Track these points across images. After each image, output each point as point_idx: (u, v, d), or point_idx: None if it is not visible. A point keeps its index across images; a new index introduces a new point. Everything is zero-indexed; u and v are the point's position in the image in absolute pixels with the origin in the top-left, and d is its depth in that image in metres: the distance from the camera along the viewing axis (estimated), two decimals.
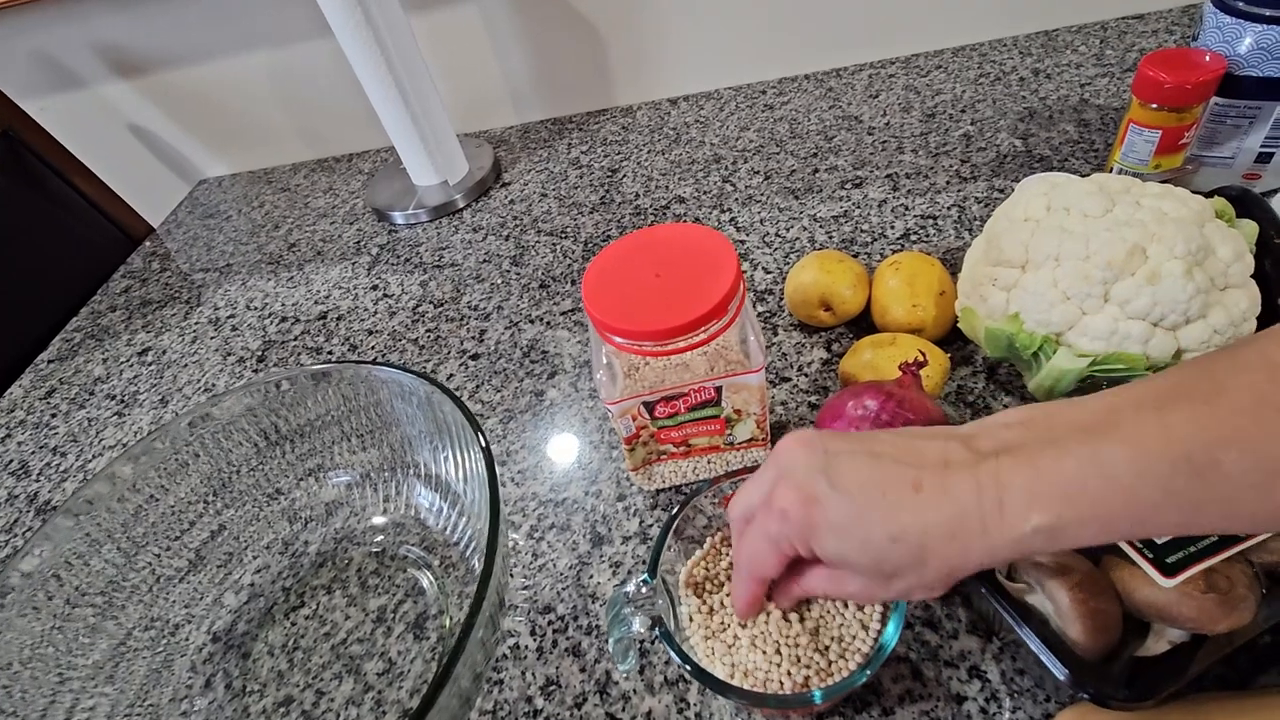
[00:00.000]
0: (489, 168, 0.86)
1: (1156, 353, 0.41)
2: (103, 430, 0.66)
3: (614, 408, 0.41)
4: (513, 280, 0.70)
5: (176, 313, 0.80)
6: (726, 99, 0.89)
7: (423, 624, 0.45)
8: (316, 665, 0.44)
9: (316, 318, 0.73)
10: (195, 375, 0.70)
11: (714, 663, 0.33)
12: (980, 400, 0.48)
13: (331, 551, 0.50)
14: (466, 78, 0.92)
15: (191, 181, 1.07)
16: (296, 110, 0.98)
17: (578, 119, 0.94)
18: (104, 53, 0.92)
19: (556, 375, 0.59)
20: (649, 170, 0.80)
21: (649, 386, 0.40)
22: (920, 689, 0.36)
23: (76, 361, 0.76)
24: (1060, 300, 0.42)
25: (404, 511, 0.51)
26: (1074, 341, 0.43)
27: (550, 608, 0.44)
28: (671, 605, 0.36)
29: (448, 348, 0.65)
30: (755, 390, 0.41)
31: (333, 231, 0.86)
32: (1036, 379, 0.44)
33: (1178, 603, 0.29)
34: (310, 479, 0.52)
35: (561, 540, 0.47)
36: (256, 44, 0.90)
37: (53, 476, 0.63)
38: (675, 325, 0.36)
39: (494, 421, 0.56)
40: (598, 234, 0.73)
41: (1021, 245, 0.45)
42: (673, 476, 0.48)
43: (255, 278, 0.82)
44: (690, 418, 0.43)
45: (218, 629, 0.47)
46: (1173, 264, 0.40)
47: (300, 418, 0.51)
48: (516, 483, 0.52)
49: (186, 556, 0.49)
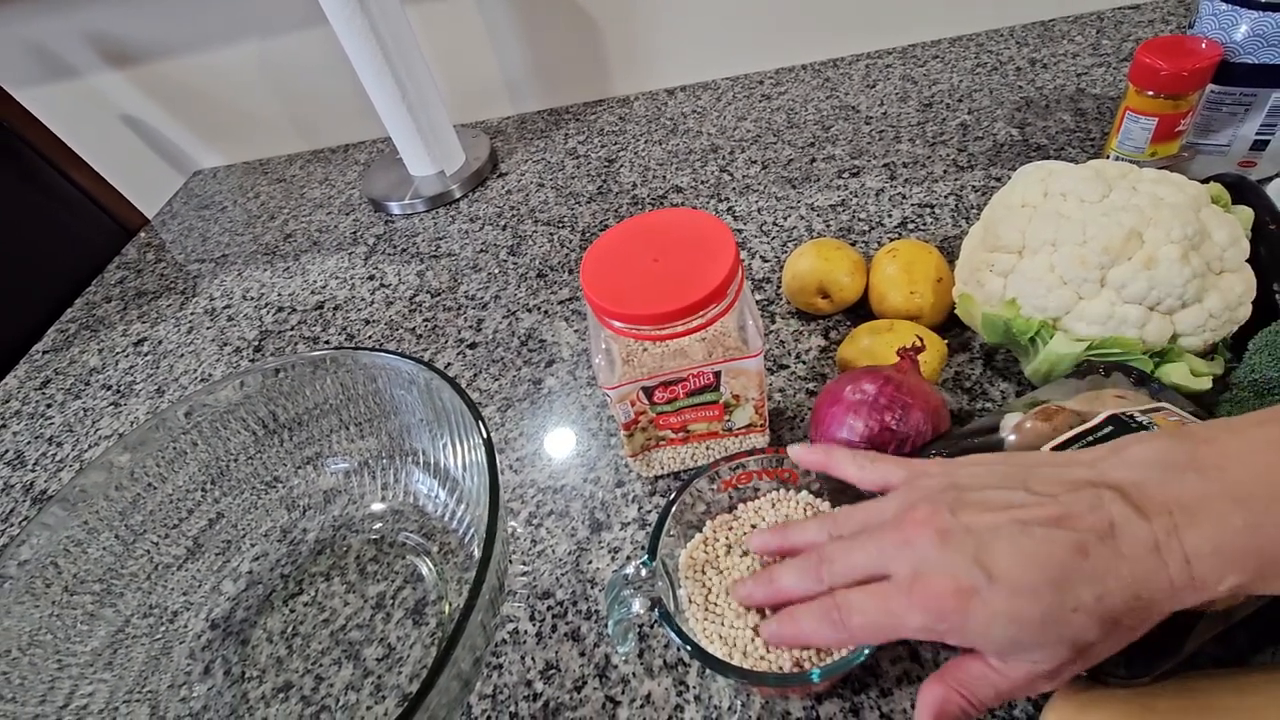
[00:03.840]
0: (485, 158, 0.86)
1: (1152, 337, 0.41)
2: (99, 420, 0.66)
3: (612, 393, 0.41)
4: (510, 270, 0.70)
5: (172, 303, 0.79)
6: (724, 89, 0.89)
7: (422, 610, 0.45)
8: (315, 651, 0.44)
9: (313, 308, 0.72)
10: (191, 365, 0.69)
11: (713, 643, 0.34)
12: (977, 386, 0.48)
13: (330, 539, 0.50)
14: (463, 68, 0.92)
15: (186, 172, 1.07)
16: (292, 100, 0.97)
17: (575, 109, 0.93)
18: (97, 42, 0.91)
19: (554, 364, 0.59)
20: (646, 160, 0.80)
21: (647, 372, 0.40)
22: (918, 670, 0.36)
23: (72, 352, 0.76)
24: (1057, 285, 0.42)
25: (403, 499, 0.51)
26: (1070, 326, 0.43)
27: (549, 593, 0.44)
28: (671, 588, 0.36)
29: (445, 337, 0.64)
30: (754, 375, 0.41)
31: (329, 222, 0.86)
32: (1033, 364, 0.44)
33: None
34: (308, 467, 0.52)
35: (560, 526, 0.47)
36: (251, 33, 0.90)
37: (49, 466, 0.63)
38: (673, 310, 0.36)
39: (492, 409, 0.56)
40: (595, 223, 0.73)
41: (1018, 231, 0.45)
42: (671, 462, 0.48)
43: (251, 268, 0.81)
44: (689, 403, 0.43)
45: (216, 616, 0.47)
46: (1169, 249, 0.40)
47: (298, 406, 0.51)
48: (515, 470, 0.52)
49: (184, 544, 0.49)
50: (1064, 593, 0.23)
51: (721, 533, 0.38)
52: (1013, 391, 0.48)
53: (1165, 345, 0.41)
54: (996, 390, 0.48)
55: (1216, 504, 0.22)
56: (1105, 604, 0.23)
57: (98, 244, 0.92)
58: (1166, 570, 0.22)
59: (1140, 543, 0.23)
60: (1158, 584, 0.22)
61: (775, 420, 0.50)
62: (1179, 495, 0.23)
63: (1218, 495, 0.22)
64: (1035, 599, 0.23)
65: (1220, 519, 0.22)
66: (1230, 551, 0.22)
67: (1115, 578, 0.23)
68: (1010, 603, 0.23)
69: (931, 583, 0.25)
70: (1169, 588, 0.22)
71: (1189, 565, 0.22)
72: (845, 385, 0.42)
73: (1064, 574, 0.23)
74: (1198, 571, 0.22)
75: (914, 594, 0.25)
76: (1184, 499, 0.23)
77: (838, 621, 0.27)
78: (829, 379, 0.52)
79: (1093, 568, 0.23)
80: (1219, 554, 0.22)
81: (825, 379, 0.52)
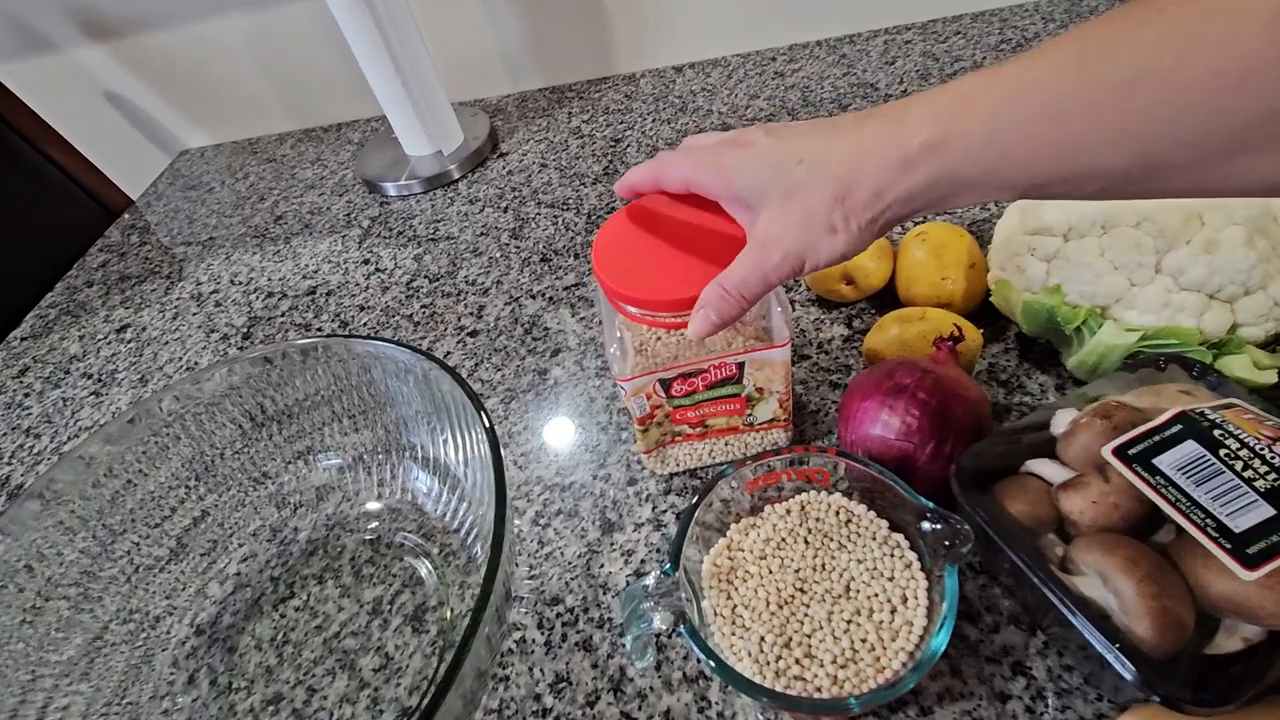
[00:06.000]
0: (485, 137, 0.82)
1: (1211, 326, 0.38)
2: (79, 411, 0.63)
3: (627, 385, 0.38)
4: (512, 254, 0.67)
5: (157, 288, 0.76)
6: (734, 66, 0.85)
7: (421, 616, 0.42)
8: (308, 660, 0.41)
9: (305, 293, 0.69)
10: (177, 353, 0.66)
11: (741, 660, 0.31)
12: (1014, 379, 0.45)
13: (323, 539, 0.47)
14: (460, 43, 0.87)
15: (172, 152, 1.02)
16: (282, 76, 0.93)
17: (578, 87, 0.90)
18: (77, 14, 0.87)
19: (560, 353, 0.56)
20: (654, 140, 0.76)
21: (664, 362, 0.37)
22: (960, 687, 0.34)
23: (51, 339, 0.72)
24: (1107, 271, 0.39)
25: (400, 496, 0.48)
26: (1121, 315, 0.40)
27: (559, 599, 0.41)
28: (695, 599, 0.33)
29: (444, 324, 0.61)
30: (779, 367, 0.38)
31: (321, 203, 0.82)
32: (1079, 355, 0.41)
33: (1260, 596, 0.26)
34: (299, 462, 0.49)
35: (569, 527, 0.44)
36: (240, 5, 0.85)
37: (25, 460, 0.59)
38: (693, 295, 0.32)
39: (495, 402, 0.53)
40: (601, 205, 0.70)
41: (1064, 212, 0.42)
42: (687, 459, 0.45)
43: (240, 252, 0.78)
44: (709, 396, 0.40)
45: (201, 621, 0.44)
46: (1233, 231, 0.37)
47: (288, 397, 0.48)
48: (520, 466, 0.49)
49: (167, 545, 0.46)
50: (797, 149, 0.29)
51: (746, 538, 0.35)
52: (1052, 385, 0.45)
53: (1224, 336, 0.38)
54: (1035, 383, 0.45)
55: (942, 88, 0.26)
56: (826, 155, 0.28)
57: (79, 226, 0.88)
58: (883, 129, 0.27)
59: (876, 121, 0.27)
60: (872, 144, 0.27)
61: (798, 414, 0.47)
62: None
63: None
64: (776, 149, 0.29)
65: (938, 93, 0.26)
66: (932, 110, 0.26)
67: (846, 141, 0.28)
68: (752, 150, 0.30)
69: (701, 141, 0.35)
70: (879, 144, 0.27)
71: (901, 124, 0.26)
72: (878, 377, 0.39)
73: (808, 138, 0.29)
74: (905, 126, 0.26)
75: (687, 152, 0.34)
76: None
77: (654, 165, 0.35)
78: (854, 370, 0.49)
79: (834, 136, 0.28)
80: (923, 112, 0.26)
81: (849, 370, 0.49)
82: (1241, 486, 0.28)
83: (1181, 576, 0.28)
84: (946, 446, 0.36)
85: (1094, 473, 0.31)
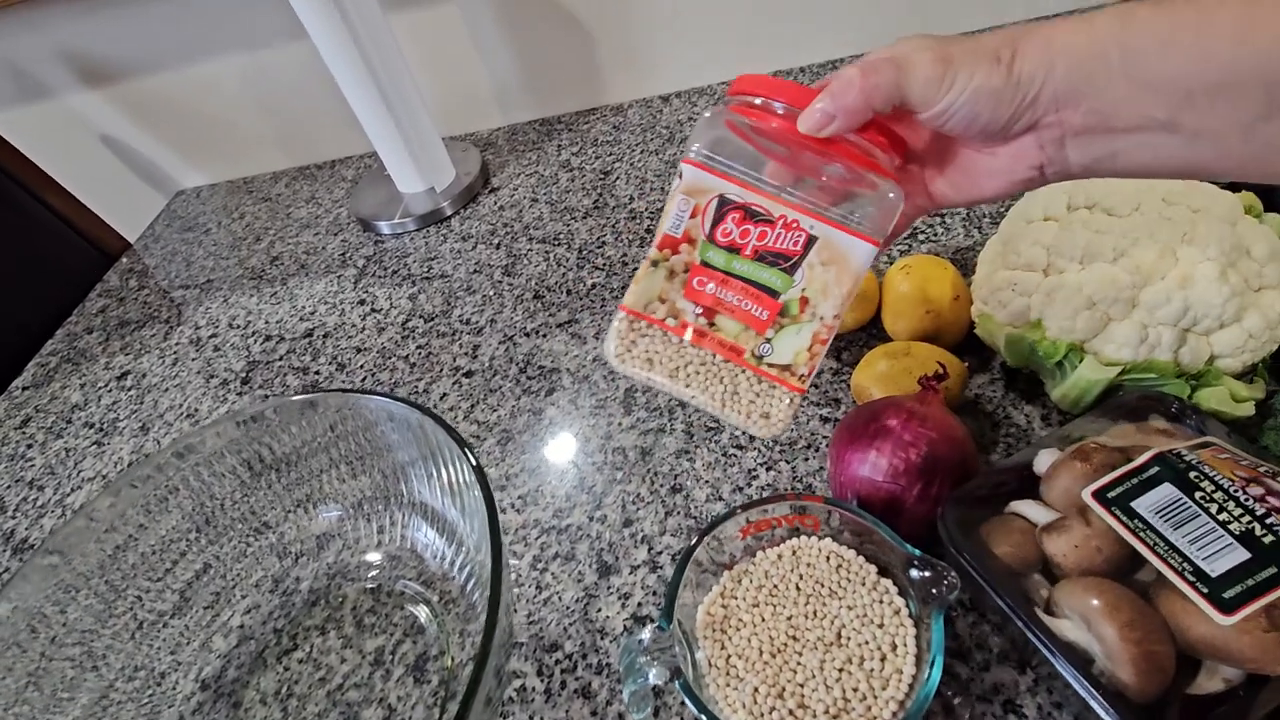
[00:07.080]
0: (476, 172, 0.83)
1: (1188, 359, 0.39)
2: (81, 461, 0.63)
3: (688, 171, 0.31)
4: (505, 291, 0.68)
5: (156, 333, 0.77)
6: (720, 94, 0.86)
7: (423, 665, 0.42)
8: (312, 714, 0.42)
9: (302, 335, 0.70)
10: (177, 400, 0.67)
11: (736, 713, 0.31)
12: (999, 410, 0.46)
13: (324, 588, 0.48)
14: (449, 78, 0.89)
15: (168, 193, 1.04)
16: (275, 116, 0.94)
17: (567, 119, 0.91)
18: (70, 60, 0.88)
19: (555, 392, 0.56)
20: (643, 171, 0.77)
21: (749, 166, 0.31)
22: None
23: (53, 388, 0.73)
24: (1085, 306, 0.40)
25: (399, 544, 0.48)
26: (1100, 349, 0.40)
27: (557, 645, 0.42)
28: (689, 650, 0.33)
29: (440, 365, 0.62)
30: (850, 274, 0.31)
31: (316, 243, 0.83)
32: (1061, 389, 0.42)
33: (1237, 641, 0.27)
34: (299, 510, 0.50)
35: (566, 571, 0.45)
36: (230, 47, 0.87)
37: (30, 512, 0.60)
38: None
39: (490, 443, 0.54)
40: (592, 240, 0.70)
41: (1042, 248, 0.42)
42: (657, 365, 0.33)
43: (237, 294, 0.78)
44: (746, 271, 0.32)
45: (206, 676, 0.45)
46: (1206, 266, 0.38)
47: (286, 445, 0.49)
48: (517, 509, 0.49)
49: (171, 599, 0.47)
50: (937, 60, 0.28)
51: (739, 585, 0.36)
52: (1038, 416, 0.45)
53: (1202, 368, 0.39)
54: (1020, 415, 0.46)
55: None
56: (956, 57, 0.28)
57: (78, 271, 0.89)
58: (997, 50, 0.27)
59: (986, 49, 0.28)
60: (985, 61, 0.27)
61: (787, 451, 0.47)
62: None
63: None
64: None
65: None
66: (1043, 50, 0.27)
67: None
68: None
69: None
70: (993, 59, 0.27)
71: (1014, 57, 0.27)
72: (866, 418, 0.40)
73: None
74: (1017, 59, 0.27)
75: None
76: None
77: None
78: (843, 404, 0.49)
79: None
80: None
81: (839, 404, 0.49)
82: (1217, 529, 0.28)
83: (1163, 621, 0.29)
84: (933, 488, 0.37)
85: (1076, 515, 0.32)
